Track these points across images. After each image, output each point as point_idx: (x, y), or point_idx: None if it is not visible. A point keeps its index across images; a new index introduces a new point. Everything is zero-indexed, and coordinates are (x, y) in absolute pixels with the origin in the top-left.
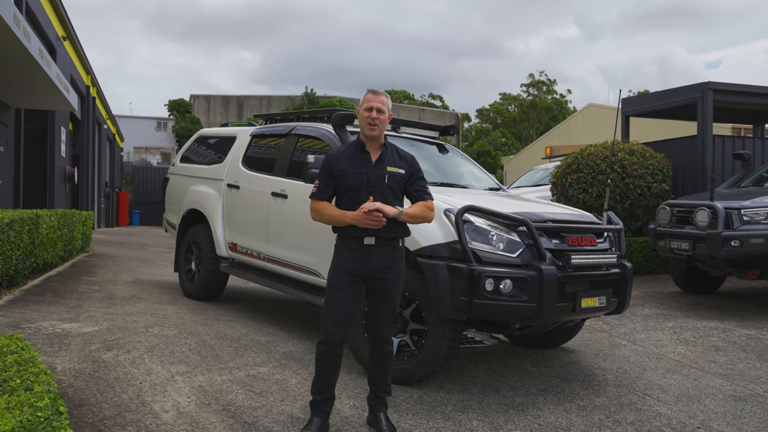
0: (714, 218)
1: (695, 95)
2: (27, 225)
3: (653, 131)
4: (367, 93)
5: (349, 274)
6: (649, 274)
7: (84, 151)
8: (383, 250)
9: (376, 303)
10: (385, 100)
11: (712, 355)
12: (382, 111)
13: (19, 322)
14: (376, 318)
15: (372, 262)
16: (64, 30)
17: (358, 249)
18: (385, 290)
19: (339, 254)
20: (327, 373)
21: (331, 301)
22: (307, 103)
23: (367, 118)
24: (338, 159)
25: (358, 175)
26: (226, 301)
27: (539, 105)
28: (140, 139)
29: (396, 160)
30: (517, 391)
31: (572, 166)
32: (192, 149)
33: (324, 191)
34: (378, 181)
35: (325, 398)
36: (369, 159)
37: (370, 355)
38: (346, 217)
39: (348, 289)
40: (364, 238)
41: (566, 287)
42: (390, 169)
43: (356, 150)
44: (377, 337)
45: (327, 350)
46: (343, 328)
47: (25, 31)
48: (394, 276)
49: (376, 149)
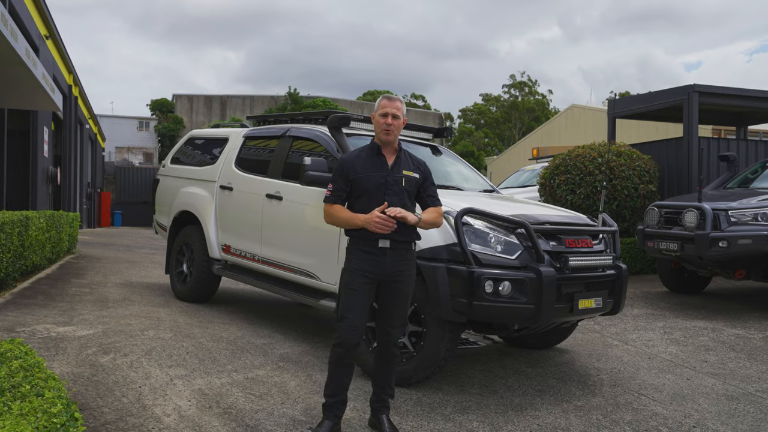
0: (702, 219)
1: (681, 97)
2: (17, 227)
3: (635, 132)
4: (382, 99)
5: (363, 276)
6: (637, 274)
7: (66, 151)
8: (397, 253)
9: (387, 305)
10: (400, 106)
11: (703, 355)
12: (397, 117)
13: (13, 326)
14: (386, 320)
15: (387, 265)
16: (47, 29)
17: (372, 252)
18: (396, 292)
19: (352, 256)
20: (341, 376)
21: (347, 304)
22: (290, 103)
23: (383, 123)
24: (354, 163)
25: (376, 178)
26: (218, 303)
27: (521, 106)
28: (122, 139)
29: (411, 165)
30: (515, 391)
31: (560, 167)
32: (183, 150)
33: (338, 195)
34: (396, 184)
35: (338, 401)
36: (385, 163)
37: (376, 357)
38: (357, 220)
39: (363, 291)
40: (378, 240)
41: (564, 289)
42: (406, 173)
43: (372, 154)
44: (385, 339)
45: (343, 353)
46: (360, 330)
47: (12, 30)
48: (406, 279)
49: (391, 153)
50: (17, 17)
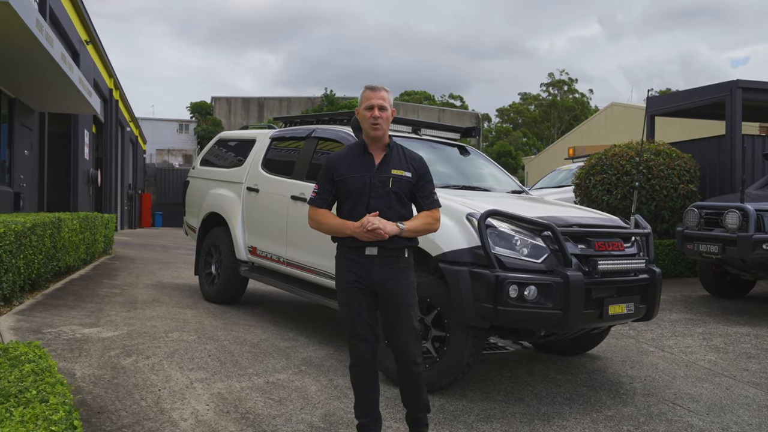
0: (745, 221)
1: (723, 94)
2: (49, 229)
3: (678, 131)
4: (365, 90)
5: (355, 286)
6: (677, 277)
7: (107, 153)
8: (387, 261)
9: (388, 319)
10: (386, 95)
11: (745, 363)
12: (384, 108)
13: (40, 327)
14: (392, 337)
15: (375, 274)
16: (88, 34)
17: (359, 260)
18: (393, 304)
19: (340, 266)
20: (368, 393)
21: (348, 322)
22: (326, 105)
23: (369, 117)
24: (339, 163)
25: (360, 179)
26: (246, 304)
27: (560, 104)
28: (162, 141)
29: (402, 162)
30: (542, 399)
31: (596, 167)
32: (212, 152)
33: (323, 197)
34: (381, 186)
35: (371, 420)
36: (372, 162)
37: (398, 376)
38: (346, 228)
39: (360, 303)
40: (365, 248)
41: (593, 294)
42: (395, 172)
43: (358, 152)
44: (400, 359)
45: (361, 371)
46: (371, 345)
47: (47, 35)
48: (401, 289)
49: (380, 150)
50: (58, 23)
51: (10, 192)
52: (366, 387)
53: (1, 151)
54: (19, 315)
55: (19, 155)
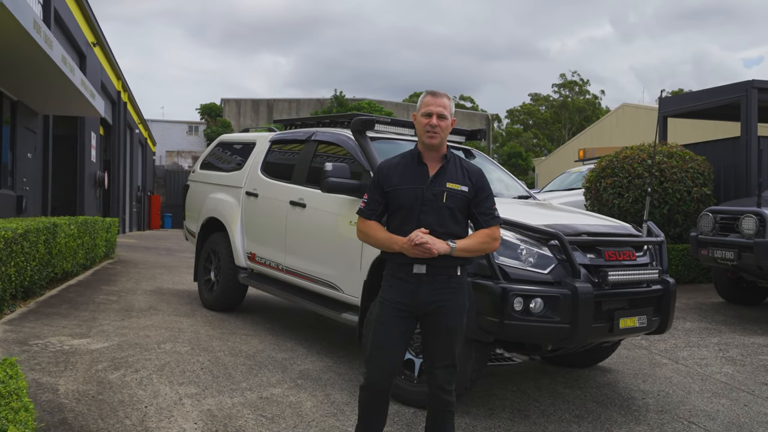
0: (762, 226)
1: (738, 94)
2: (43, 234)
3: (691, 133)
4: (426, 95)
5: (395, 308)
6: (690, 283)
7: (115, 155)
8: (437, 280)
9: (429, 343)
10: (447, 103)
11: (763, 376)
12: (444, 116)
13: (27, 338)
14: (429, 359)
15: (422, 295)
16: (94, 36)
17: (406, 278)
18: (437, 327)
19: (386, 284)
20: (372, 419)
21: (374, 340)
22: (336, 106)
23: (426, 125)
24: (390, 172)
25: (411, 191)
26: (245, 312)
27: (571, 105)
28: (172, 143)
29: (458, 175)
30: (549, 417)
31: (607, 169)
32: (212, 155)
33: (372, 208)
34: (434, 200)
35: None
36: (426, 173)
37: (428, 412)
38: (394, 244)
39: (394, 326)
40: (414, 265)
41: (603, 306)
42: (450, 186)
43: (412, 161)
44: (432, 383)
45: (370, 398)
46: (388, 373)
47: (46, 37)
48: (450, 311)
49: (435, 161)
50: (63, 25)
51: (13, 195)
52: (372, 412)
53: (4, 153)
54: (8, 325)
55: (22, 158)
